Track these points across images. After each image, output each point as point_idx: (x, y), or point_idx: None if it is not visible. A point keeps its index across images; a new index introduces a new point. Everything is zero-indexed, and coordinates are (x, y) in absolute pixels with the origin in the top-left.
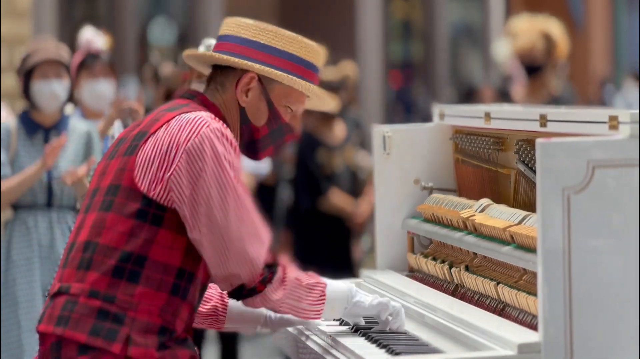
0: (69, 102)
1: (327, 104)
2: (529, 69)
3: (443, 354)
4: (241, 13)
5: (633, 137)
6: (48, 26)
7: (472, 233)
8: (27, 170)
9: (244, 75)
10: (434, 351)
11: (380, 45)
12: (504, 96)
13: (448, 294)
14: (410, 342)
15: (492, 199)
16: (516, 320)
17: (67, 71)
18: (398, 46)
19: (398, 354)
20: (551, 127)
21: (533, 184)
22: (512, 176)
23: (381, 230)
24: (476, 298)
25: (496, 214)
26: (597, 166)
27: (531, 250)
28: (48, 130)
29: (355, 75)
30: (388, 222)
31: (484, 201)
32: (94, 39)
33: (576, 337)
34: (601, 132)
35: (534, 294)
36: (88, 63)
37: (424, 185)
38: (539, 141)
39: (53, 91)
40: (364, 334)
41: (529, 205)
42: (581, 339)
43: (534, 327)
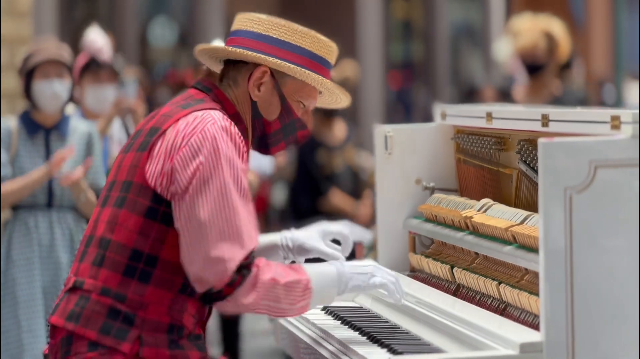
0: (70, 102)
1: (341, 101)
2: (531, 68)
3: (445, 353)
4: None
5: (635, 137)
6: (48, 26)
7: (474, 233)
8: (31, 175)
9: (257, 69)
10: (436, 350)
11: (380, 45)
12: (505, 96)
13: (450, 294)
14: (412, 341)
15: (494, 199)
16: (518, 320)
17: (69, 71)
18: (398, 46)
19: (400, 353)
20: (553, 127)
21: (535, 184)
22: (514, 176)
23: (383, 230)
24: (478, 298)
25: (498, 214)
26: (599, 166)
27: (533, 250)
28: (49, 130)
29: (356, 75)
30: (389, 222)
31: (486, 201)
32: (102, 47)
33: (578, 337)
34: (603, 132)
35: (536, 294)
36: (93, 68)
37: (426, 185)
38: (541, 141)
39: (54, 91)
40: (366, 334)
41: (531, 205)
42: (583, 338)
43: (536, 327)
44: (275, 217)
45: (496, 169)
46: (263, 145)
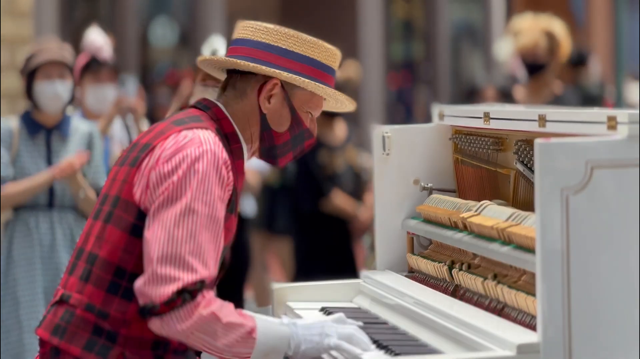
0: (71, 104)
1: (346, 107)
2: (531, 68)
3: (442, 354)
4: (242, 13)
5: (632, 138)
6: (49, 26)
7: (472, 233)
8: (35, 179)
9: (268, 81)
10: (433, 351)
11: (381, 45)
12: (507, 96)
13: (447, 294)
14: (409, 342)
15: (491, 199)
16: (515, 320)
17: (70, 72)
18: (399, 46)
19: (397, 354)
20: (550, 127)
21: (532, 184)
22: (512, 176)
23: (381, 231)
24: (475, 299)
25: (495, 214)
26: (596, 166)
27: (530, 251)
28: (50, 131)
29: (358, 76)
30: (387, 222)
31: (484, 202)
32: (102, 46)
33: (575, 337)
34: (600, 132)
35: (533, 294)
36: (94, 67)
37: (424, 186)
38: (538, 141)
39: (56, 91)
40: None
41: (528, 205)
42: (580, 339)
43: (533, 327)
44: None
45: (494, 169)
46: (271, 156)
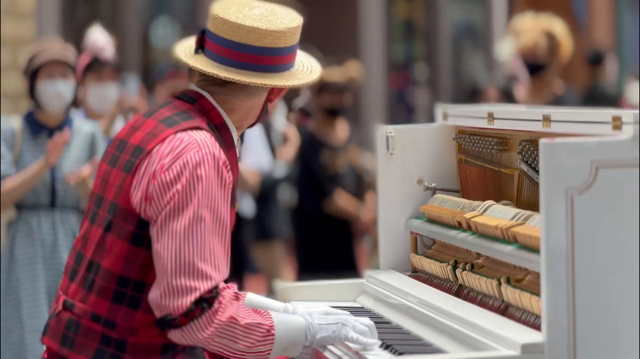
0: (73, 105)
1: (311, 76)
2: (532, 68)
3: (446, 354)
4: None
5: (636, 137)
6: (51, 26)
7: (475, 233)
8: (30, 168)
9: (279, 90)
10: (437, 351)
11: (382, 45)
12: (509, 96)
13: (451, 294)
14: (413, 342)
15: (495, 199)
16: (519, 320)
17: (73, 71)
18: (400, 46)
19: (401, 354)
20: (554, 127)
21: (536, 184)
22: (515, 176)
23: (384, 230)
24: (479, 298)
25: (499, 214)
26: (601, 166)
27: (534, 250)
28: (52, 131)
29: (360, 76)
30: (391, 222)
31: (488, 202)
32: (105, 46)
33: (579, 337)
34: (604, 132)
35: (537, 294)
36: (96, 67)
37: (427, 185)
38: (542, 141)
39: (58, 91)
40: None
41: (532, 205)
42: (584, 339)
43: (537, 327)
44: None
45: (498, 169)
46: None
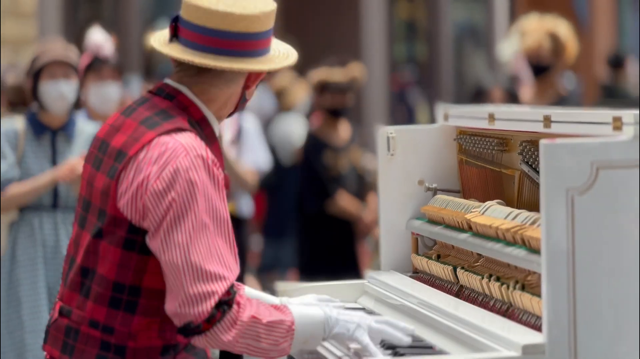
0: (76, 106)
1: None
2: (536, 69)
3: (447, 355)
4: None
5: (637, 138)
6: (53, 27)
7: (476, 234)
8: (38, 179)
9: (257, 75)
10: (439, 352)
11: (384, 45)
12: (513, 97)
13: (452, 295)
14: (414, 343)
15: (496, 200)
16: (520, 321)
17: (75, 72)
18: (402, 47)
19: (402, 355)
20: (555, 128)
21: (537, 185)
22: (516, 177)
23: (385, 231)
24: (480, 299)
25: (500, 215)
26: (601, 167)
27: (535, 251)
28: (55, 132)
29: (363, 76)
30: (392, 223)
31: (489, 203)
32: (103, 44)
33: (580, 338)
34: (605, 133)
35: (538, 295)
36: (96, 66)
37: (428, 186)
38: (543, 142)
39: (61, 91)
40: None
41: (533, 206)
42: (585, 340)
43: (538, 328)
44: None
45: (498, 170)
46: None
